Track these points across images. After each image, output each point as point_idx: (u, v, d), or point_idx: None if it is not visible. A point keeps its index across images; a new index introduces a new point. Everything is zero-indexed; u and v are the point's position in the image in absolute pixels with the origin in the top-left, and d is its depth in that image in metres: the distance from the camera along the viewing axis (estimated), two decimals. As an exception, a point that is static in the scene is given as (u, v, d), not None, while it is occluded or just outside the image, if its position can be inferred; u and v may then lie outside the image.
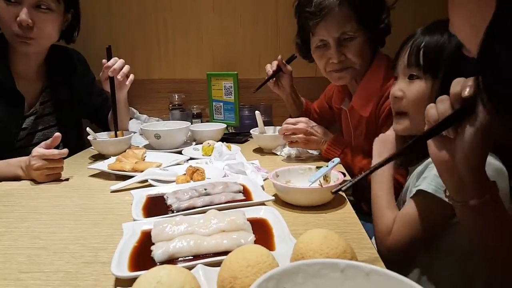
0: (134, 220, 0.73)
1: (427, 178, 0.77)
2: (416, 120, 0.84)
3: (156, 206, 0.81)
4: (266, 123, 1.59)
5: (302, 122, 1.21)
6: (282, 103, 1.84)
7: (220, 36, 1.90)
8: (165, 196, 0.84)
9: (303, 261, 0.44)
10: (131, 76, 1.37)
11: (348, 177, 1.05)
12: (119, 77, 1.31)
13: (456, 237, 0.77)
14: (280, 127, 1.39)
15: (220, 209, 0.73)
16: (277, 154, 1.31)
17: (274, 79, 1.50)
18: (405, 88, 0.85)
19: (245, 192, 0.87)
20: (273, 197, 0.82)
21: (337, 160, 0.91)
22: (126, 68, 1.34)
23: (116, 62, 1.31)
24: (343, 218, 0.79)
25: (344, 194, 0.92)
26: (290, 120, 1.23)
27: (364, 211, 1.25)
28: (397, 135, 0.92)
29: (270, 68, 1.49)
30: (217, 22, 1.88)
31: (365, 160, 1.15)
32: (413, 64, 0.82)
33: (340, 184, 0.56)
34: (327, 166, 0.90)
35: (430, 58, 0.80)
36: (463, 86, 0.55)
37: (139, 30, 1.90)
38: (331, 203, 0.86)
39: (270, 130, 1.40)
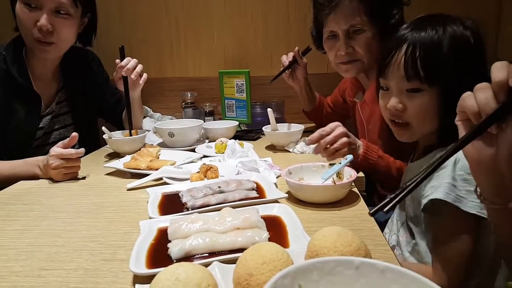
0: (150, 218, 0.74)
1: (441, 187, 0.72)
2: (419, 131, 0.83)
3: (172, 204, 0.82)
4: (278, 120, 1.59)
5: (338, 127, 1.02)
6: (294, 100, 1.84)
7: (232, 34, 1.90)
8: (180, 194, 0.86)
9: (318, 259, 0.44)
10: (145, 75, 1.39)
11: (360, 174, 1.05)
12: (132, 76, 1.33)
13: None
14: (296, 124, 1.39)
15: (234, 207, 0.74)
16: (289, 151, 1.31)
17: (290, 70, 1.50)
18: (406, 101, 0.80)
19: (258, 189, 0.88)
20: (286, 195, 0.83)
21: (350, 157, 0.90)
22: (140, 67, 1.35)
23: (129, 62, 1.33)
24: (357, 215, 0.79)
25: (357, 190, 0.92)
26: (324, 129, 1.02)
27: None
28: None
29: (286, 59, 1.50)
30: (228, 20, 1.89)
31: (396, 160, 1.10)
32: (412, 77, 0.77)
33: (383, 203, 0.48)
34: (340, 163, 0.90)
35: (431, 68, 0.76)
36: (510, 72, 0.48)
37: (151, 29, 1.92)
38: (344, 200, 0.86)
39: (283, 127, 1.41)
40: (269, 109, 1.35)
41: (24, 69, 1.28)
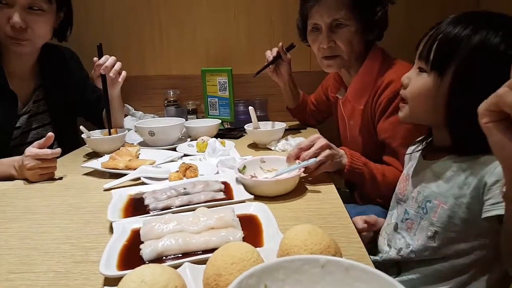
0: (109, 221, 0.73)
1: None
2: (414, 110, 0.82)
3: (135, 206, 0.81)
4: (261, 118, 1.59)
5: (319, 139, 0.99)
6: (278, 98, 1.84)
7: (214, 32, 1.89)
8: (144, 196, 0.84)
9: (284, 258, 0.45)
10: (123, 73, 1.37)
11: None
12: (111, 74, 1.31)
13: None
14: (278, 122, 1.40)
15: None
16: (271, 149, 1.31)
17: (274, 65, 1.51)
18: (413, 77, 0.81)
19: (227, 190, 0.87)
20: (252, 196, 0.82)
21: (312, 160, 0.91)
22: (118, 65, 1.34)
23: (107, 60, 1.31)
24: (333, 213, 0.80)
25: (334, 189, 0.93)
26: (305, 142, 0.99)
27: (357, 203, 1.26)
28: None
29: (270, 54, 1.50)
30: (210, 18, 1.87)
31: (378, 165, 1.10)
32: (423, 57, 0.78)
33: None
34: (306, 161, 0.92)
35: (441, 55, 0.75)
36: None
37: (133, 26, 1.89)
38: (322, 198, 0.87)
39: (265, 126, 1.40)
40: (250, 108, 1.35)
41: None
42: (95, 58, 1.32)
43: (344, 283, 0.43)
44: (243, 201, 0.79)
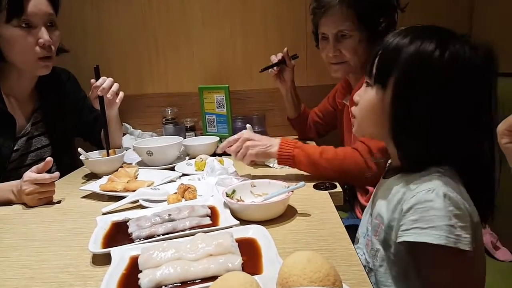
0: (90, 251, 0.72)
1: (437, 229, 0.66)
2: (361, 125, 0.82)
3: (118, 234, 0.80)
4: (260, 134, 1.59)
5: (243, 135, 1.18)
6: (275, 113, 1.86)
7: (211, 49, 1.90)
8: (128, 223, 0.83)
9: (283, 291, 0.44)
10: (121, 94, 1.38)
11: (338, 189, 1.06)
12: (108, 95, 1.31)
13: None
14: (274, 138, 1.40)
15: (181, 236, 0.73)
16: (270, 166, 1.31)
17: (277, 69, 1.54)
18: (362, 94, 0.81)
19: (214, 215, 0.86)
20: (238, 222, 0.80)
21: (301, 184, 0.91)
22: (115, 86, 1.34)
23: (104, 81, 1.32)
24: (332, 234, 0.79)
25: (334, 207, 0.93)
26: (230, 138, 1.21)
27: (358, 217, 1.26)
28: None
29: (275, 58, 1.54)
30: (207, 36, 1.89)
31: (320, 146, 1.15)
32: (367, 71, 0.78)
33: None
34: (295, 185, 0.91)
35: (381, 67, 0.74)
36: None
37: (130, 46, 1.90)
38: (322, 218, 0.87)
39: (263, 142, 1.40)
40: (248, 125, 1.35)
41: None
42: (93, 80, 1.33)
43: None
44: (229, 227, 0.77)
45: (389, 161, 0.89)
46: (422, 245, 0.67)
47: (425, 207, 0.67)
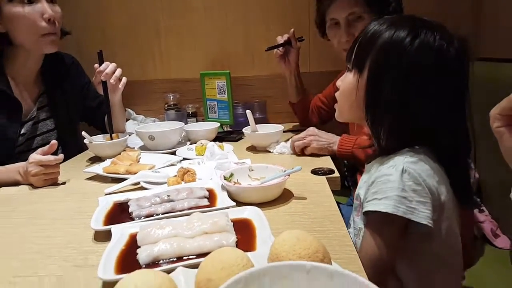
0: (92, 228, 0.75)
1: (388, 199, 0.71)
2: (341, 109, 0.89)
3: (119, 213, 0.83)
4: (260, 120, 1.61)
5: (309, 132, 1.26)
6: (276, 100, 1.87)
7: (213, 35, 1.91)
8: (129, 203, 0.86)
9: (270, 264, 0.47)
10: (124, 79, 1.40)
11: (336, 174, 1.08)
12: (111, 81, 1.34)
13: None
14: (275, 125, 1.43)
15: (180, 216, 0.76)
16: (270, 152, 1.33)
17: (283, 50, 1.55)
18: (343, 79, 0.87)
19: (211, 197, 0.89)
20: (234, 203, 0.83)
21: (297, 168, 0.93)
22: (118, 71, 1.36)
23: (108, 66, 1.34)
24: (327, 216, 0.82)
25: (330, 192, 0.95)
26: (297, 136, 1.28)
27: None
28: None
29: (281, 39, 1.54)
30: (209, 22, 1.90)
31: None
32: (347, 57, 0.83)
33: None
34: (291, 169, 0.93)
35: (359, 52, 0.80)
36: None
37: (132, 32, 1.92)
38: (317, 201, 0.89)
39: (263, 128, 1.42)
40: (248, 111, 1.37)
41: (3, 75, 1.29)
42: (96, 65, 1.35)
43: (328, 288, 0.45)
44: (225, 208, 0.80)
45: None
46: (376, 215, 0.73)
47: (383, 180, 0.73)
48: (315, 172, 1.09)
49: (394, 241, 0.74)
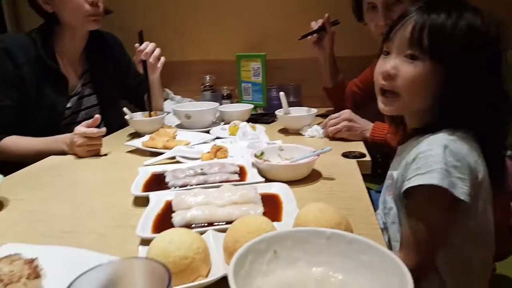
0: (132, 194, 0.81)
1: (434, 172, 0.70)
2: (408, 102, 0.79)
3: (156, 182, 0.89)
4: (294, 104, 1.62)
5: (344, 115, 1.25)
6: (311, 83, 1.86)
7: (251, 17, 1.93)
8: (165, 174, 0.91)
9: (293, 228, 0.50)
10: (162, 59, 1.46)
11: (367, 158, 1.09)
12: (151, 60, 1.40)
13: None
14: (308, 108, 1.44)
15: (211, 187, 0.80)
16: (302, 135, 1.35)
17: (317, 36, 1.55)
18: (401, 66, 0.78)
19: (242, 173, 0.93)
20: (263, 179, 0.87)
21: (327, 148, 0.94)
22: (157, 51, 1.43)
23: (147, 46, 1.40)
24: (355, 196, 0.83)
25: (360, 175, 0.96)
26: (332, 118, 1.27)
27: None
28: None
29: (315, 24, 1.55)
30: (247, 4, 1.91)
31: None
32: (415, 43, 0.75)
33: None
34: (321, 149, 0.95)
35: (436, 40, 0.74)
36: None
37: (173, 14, 1.97)
38: (346, 182, 0.90)
39: (296, 111, 1.44)
40: (281, 93, 1.39)
41: (52, 52, 1.38)
42: (137, 44, 1.41)
43: (347, 254, 0.48)
44: (255, 183, 0.84)
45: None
46: (422, 190, 0.71)
47: (425, 156, 0.72)
48: (346, 155, 1.09)
49: (442, 215, 0.73)
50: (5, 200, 0.86)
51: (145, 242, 0.62)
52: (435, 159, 0.71)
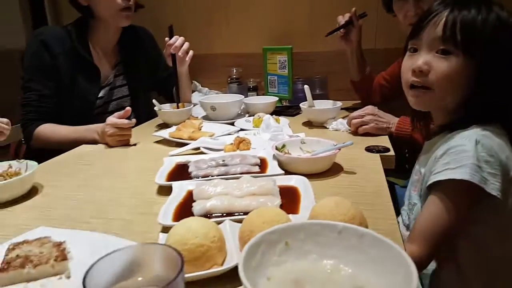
0: (156, 183, 0.84)
1: (465, 167, 0.70)
2: (440, 97, 0.79)
3: (180, 172, 0.92)
4: (320, 97, 1.62)
5: (367, 110, 1.24)
6: (338, 76, 1.85)
7: (278, 10, 1.93)
8: (189, 164, 0.94)
9: (306, 221, 0.51)
10: (191, 53, 1.49)
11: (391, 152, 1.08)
12: (179, 53, 1.44)
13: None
14: (333, 101, 1.43)
15: (232, 179, 0.81)
16: (326, 128, 1.35)
17: (344, 30, 1.54)
18: (433, 62, 0.78)
19: (263, 165, 0.94)
20: (283, 171, 0.87)
21: (349, 142, 0.93)
22: (186, 45, 1.46)
23: (177, 40, 1.43)
24: (376, 191, 0.82)
25: (382, 169, 0.95)
26: (355, 113, 1.26)
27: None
28: None
29: (342, 19, 1.54)
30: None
31: None
32: (448, 38, 0.76)
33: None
34: (343, 143, 0.95)
35: (469, 35, 0.75)
36: None
37: (202, 8, 2.01)
38: (367, 177, 0.90)
39: (321, 104, 1.43)
40: (306, 86, 1.39)
41: (86, 44, 1.44)
42: (167, 38, 1.45)
43: (358, 248, 0.49)
44: (274, 175, 0.85)
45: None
46: (449, 184, 0.71)
47: (456, 151, 0.72)
48: (369, 149, 1.08)
49: (461, 211, 0.73)
50: (40, 186, 0.91)
51: (166, 229, 0.65)
52: (467, 154, 0.71)
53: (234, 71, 1.87)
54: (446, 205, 0.72)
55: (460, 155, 0.72)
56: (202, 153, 1.09)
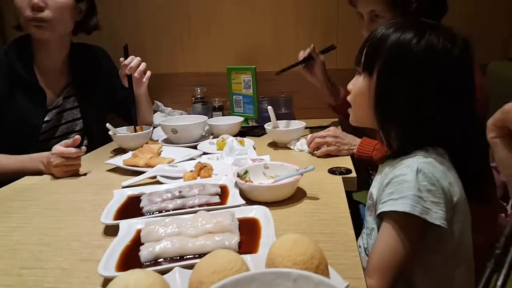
0: (102, 223, 0.76)
1: (405, 198, 0.70)
2: (356, 113, 0.88)
3: (131, 207, 0.84)
4: (286, 116, 1.59)
5: (330, 132, 1.24)
6: (303, 95, 1.83)
7: (241, 29, 1.90)
8: (141, 197, 0.86)
9: (257, 271, 0.45)
10: (148, 73, 1.42)
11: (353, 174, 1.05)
12: (136, 74, 1.36)
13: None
14: (298, 121, 1.40)
15: (190, 213, 0.76)
16: (291, 148, 1.31)
17: (304, 65, 1.52)
18: (354, 82, 0.86)
19: (224, 194, 0.88)
20: (244, 202, 0.82)
21: (310, 167, 0.90)
22: (143, 65, 1.38)
23: (132, 60, 1.36)
24: (336, 218, 0.79)
25: (343, 193, 0.92)
26: (318, 134, 1.25)
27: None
28: None
29: (303, 54, 1.51)
30: (237, 15, 1.88)
31: None
32: (357, 60, 0.83)
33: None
34: (305, 168, 0.91)
35: (368, 55, 0.80)
36: None
37: (163, 25, 1.94)
38: (329, 202, 0.87)
39: (286, 124, 1.40)
40: (269, 107, 1.35)
41: (29, 63, 1.33)
42: (121, 59, 1.37)
43: (315, 299, 0.43)
44: (234, 207, 0.79)
45: None
46: (393, 216, 0.71)
47: (399, 181, 0.72)
48: (332, 171, 1.06)
49: (411, 242, 0.71)
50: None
51: (108, 281, 0.58)
52: (408, 184, 0.71)
53: (199, 90, 1.81)
54: (399, 236, 0.71)
55: (402, 185, 0.72)
56: (159, 182, 1.01)
